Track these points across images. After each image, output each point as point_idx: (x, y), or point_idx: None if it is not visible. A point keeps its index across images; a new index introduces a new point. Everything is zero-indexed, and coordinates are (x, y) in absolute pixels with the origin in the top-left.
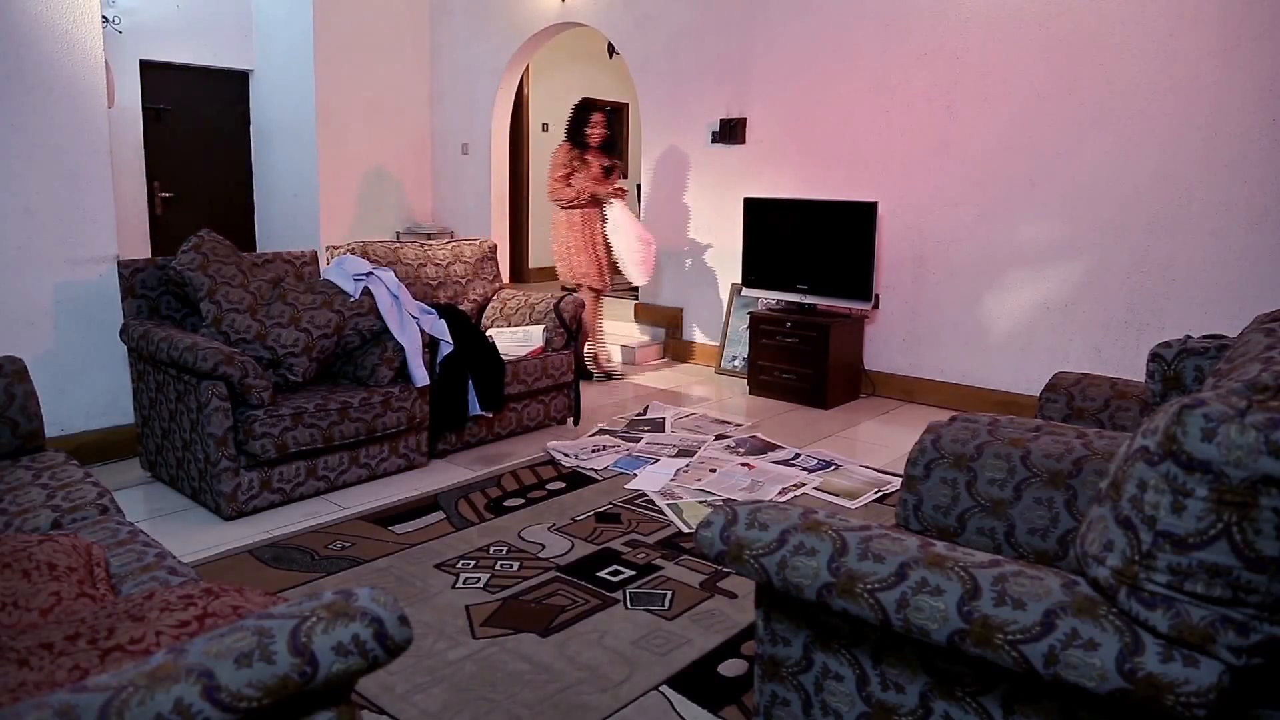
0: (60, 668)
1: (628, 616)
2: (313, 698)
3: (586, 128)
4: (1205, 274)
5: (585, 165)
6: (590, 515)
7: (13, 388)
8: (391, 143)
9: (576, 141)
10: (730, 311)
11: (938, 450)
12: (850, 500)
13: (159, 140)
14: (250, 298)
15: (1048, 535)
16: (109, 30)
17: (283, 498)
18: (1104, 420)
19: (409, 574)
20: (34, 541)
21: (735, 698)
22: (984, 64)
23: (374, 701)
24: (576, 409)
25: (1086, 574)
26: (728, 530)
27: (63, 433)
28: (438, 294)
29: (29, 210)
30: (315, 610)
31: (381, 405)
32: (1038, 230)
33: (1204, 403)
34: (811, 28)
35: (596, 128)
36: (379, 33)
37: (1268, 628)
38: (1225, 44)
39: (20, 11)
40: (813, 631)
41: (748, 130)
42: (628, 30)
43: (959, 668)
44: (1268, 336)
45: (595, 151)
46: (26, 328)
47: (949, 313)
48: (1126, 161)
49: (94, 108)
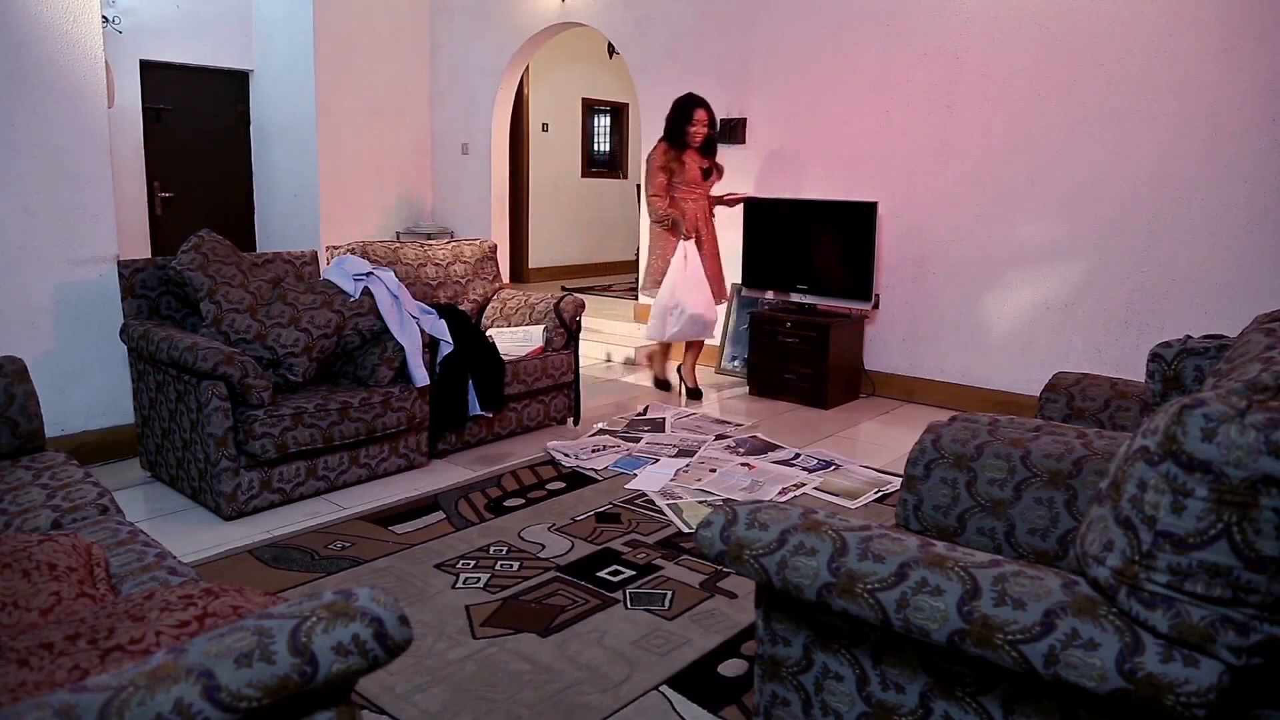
0: (60, 668)
1: (628, 616)
2: (313, 698)
3: (689, 126)
4: (1205, 274)
5: (682, 167)
6: (590, 515)
7: (13, 388)
8: (391, 143)
9: (675, 142)
10: (731, 311)
11: (938, 450)
12: (850, 500)
13: (159, 140)
14: (250, 298)
15: (1048, 535)
16: (109, 30)
17: (283, 498)
18: (1104, 420)
19: (409, 574)
20: (34, 541)
21: (735, 698)
22: (984, 64)
23: (374, 701)
24: (576, 409)
25: (1086, 574)
26: (728, 530)
27: (63, 433)
28: (438, 294)
29: (29, 210)
30: (315, 610)
31: (381, 405)
32: (1038, 230)
33: (1204, 403)
34: (812, 28)
35: (700, 126)
36: (379, 33)
37: (1268, 628)
38: (1225, 44)
39: (20, 11)
40: (813, 631)
41: (748, 130)
42: (628, 30)
43: (959, 668)
44: (1268, 336)
45: (693, 152)
46: (26, 328)
47: (949, 313)
48: (1127, 161)
49: (94, 108)
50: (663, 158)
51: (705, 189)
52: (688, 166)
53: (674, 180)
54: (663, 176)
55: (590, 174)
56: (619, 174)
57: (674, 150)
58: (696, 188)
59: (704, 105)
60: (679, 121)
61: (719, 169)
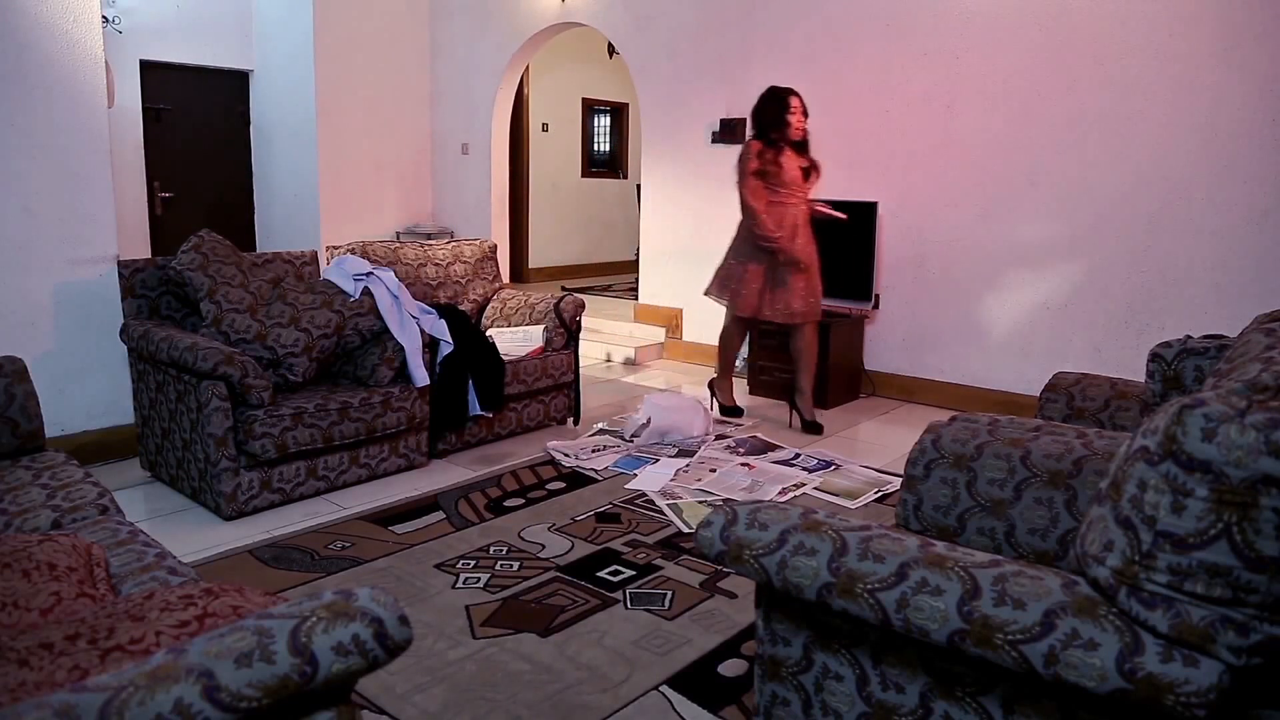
0: (60, 668)
1: (628, 616)
2: (313, 698)
3: (788, 114)
4: (1205, 274)
5: (780, 169)
6: (590, 515)
7: (13, 388)
8: (391, 143)
9: (774, 138)
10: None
11: (938, 450)
12: (850, 500)
13: (159, 140)
14: (250, 298)
15: (1048, 535)
16: (109, 30)
17: (283, 498)
18: (1104, 420)
19: (409, 574)
20: (34, 541)
21: (735, 698)
22: (984, 63)
23: (374, 701)
24: (576, 409)
25: (1086, 574)
26: (728, 530)
27: (63, 433)
28: (438, 294)
29: (29, 210)
30: (315, 610)
31: (381, 405)
32: (1038, 230)
33: (1204, 403)
34: (812, 27)
35: (798, 115)
36: (379, 33)
37: (1268, 628)
38: (1225, 44)
39: (20, 11)
40: (813, 631)
41: (748, 130)
42: (628, 30)
43: (959, 668)
44: (1268, 336)
45: (790, 151)
46: (26, 328)
47: (949, 313)
48: (1126, 161)
49: (94, 108)
50: (758, 160)
51: (805, 191)
52: (786, 167)
53: (771, 184)
54: (758, 182)
55: (590, 174)
56: (619, 174)
57: (770, 149)
58: (796, 190)
59: (797, 93)
60: (777, 112)
61: (818, 167)
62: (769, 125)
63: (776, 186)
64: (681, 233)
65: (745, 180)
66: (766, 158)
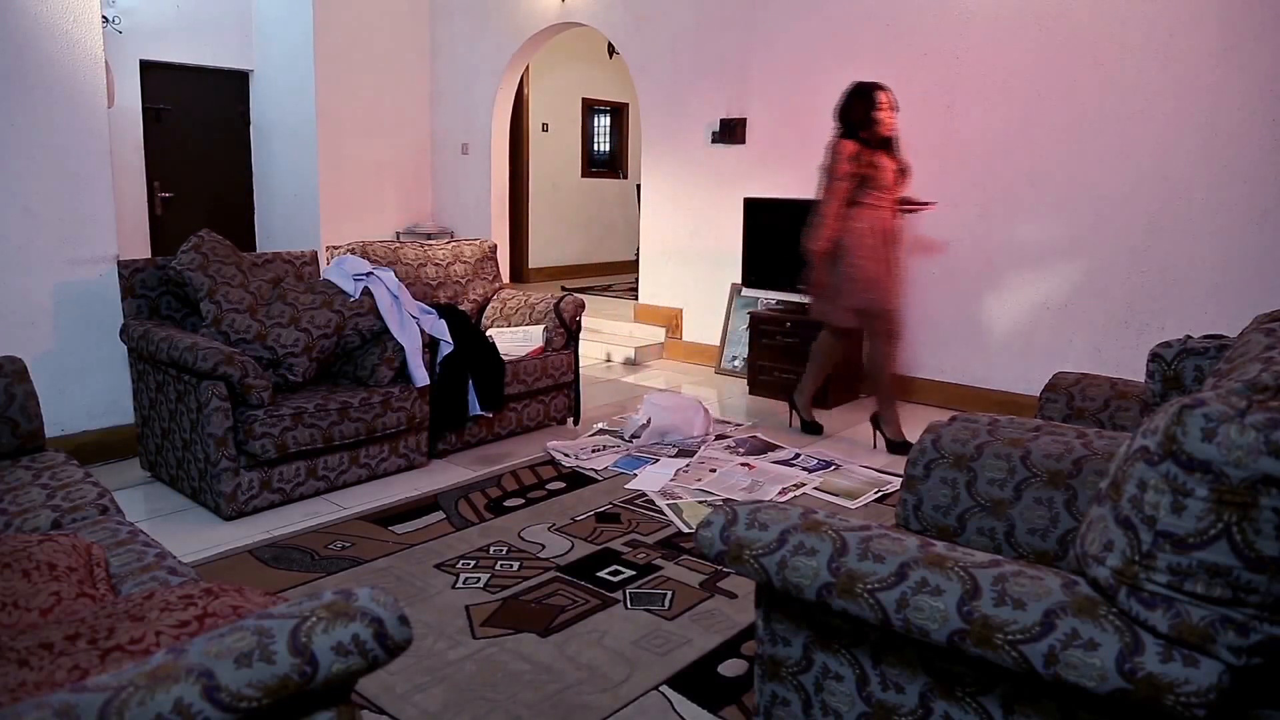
0: (60, 668)
1: (628, 616)
2: (313, 698)
3: (876, 110)
4: (1205, 274)
5: (877, 171)
6: (590, 515)
7: (13, 388)
8: (391, 143)
9: (867, 137)
10: (730, 311)
11: (938, 450)
12: (850, 500)
13: (159, 140)
14: (250, 298)
15: (1048, 535)
16: (109, 30)
17: (283, 498)
18: (1104, 420)
19: (409, 574)
20: (34, 541)
21: (735, 698)
22: (984, 64)
23: (374, 701)
24: (576, 409)
25: (1086, 574)
26: (728, 530)
27: (63, 433)
28: (438, 294)
29: (29, 210)
30: (315, 610)
31: (381, 405)
32: (1037, 230)
33: (1204, 403)
34: (811, 27)
35: (887, 110)
36: (379, 33)
37: (1268, 628)
38: (1225, 44)
39: (20, 11)
40: (813, 631)
41: (748, 130)
42: (628, 30)
43: (959, 668)
44: (1268, 336)
45: (884, 151)
46: (26, 328)
47: (948, 312)
48: (1126, 161)
49: (94, 108)
50: (853, 163)
51: (896, 194)
52: (882, 170)
53: (868, 188)
54: (847, 186)
55: (590, 174)
56: (619, 174)
57: (867, 150)
58: (889, 193)
59: (886, 88)
60: (865, 109)
61: (908, 170)
62: (858, 124)
63: (873, 190)
64: (681, 233)
65: (833, 185)
66: (863, 160)
